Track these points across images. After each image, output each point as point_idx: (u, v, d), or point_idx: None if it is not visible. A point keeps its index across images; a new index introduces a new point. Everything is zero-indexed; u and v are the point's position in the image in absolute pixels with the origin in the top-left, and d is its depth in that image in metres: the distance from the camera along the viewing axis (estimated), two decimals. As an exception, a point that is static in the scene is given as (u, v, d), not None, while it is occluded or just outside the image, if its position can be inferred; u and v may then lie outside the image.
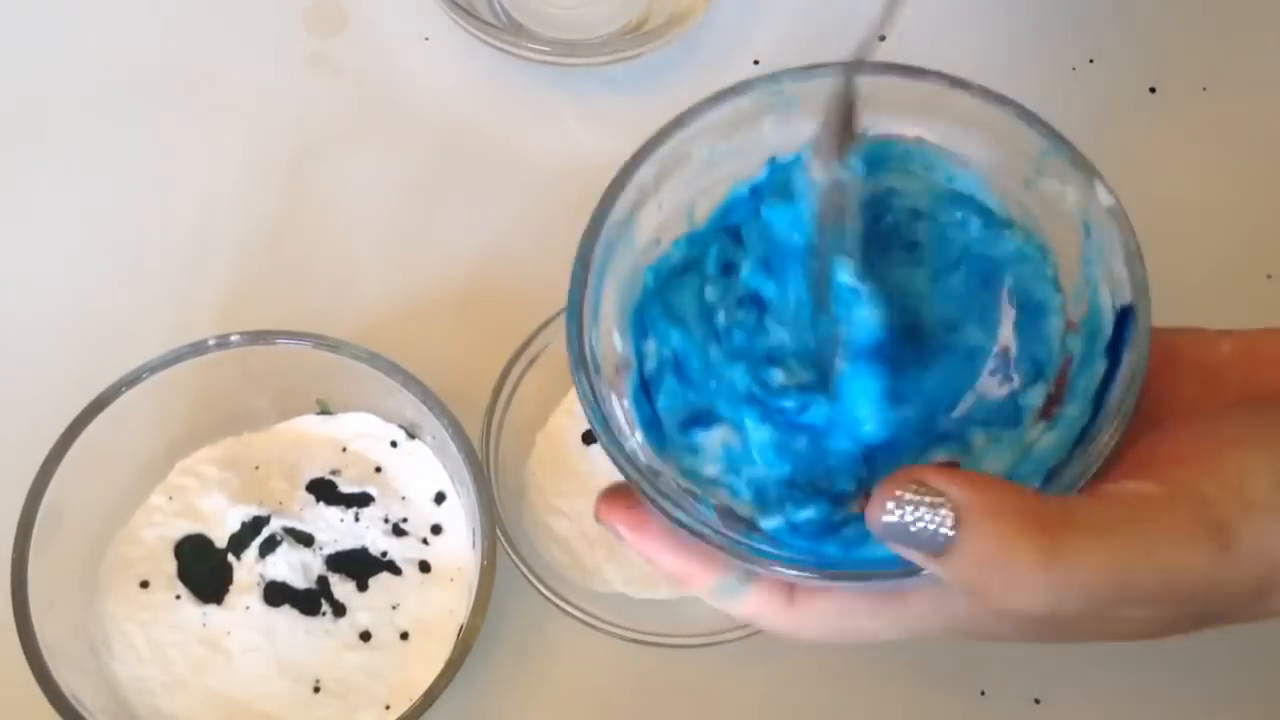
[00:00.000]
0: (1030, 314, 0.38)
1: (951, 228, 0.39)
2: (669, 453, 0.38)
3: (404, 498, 0.53)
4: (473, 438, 0.51)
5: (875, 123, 0.38)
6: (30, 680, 0.46)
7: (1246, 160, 0.62)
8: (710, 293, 0.39)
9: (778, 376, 0.37)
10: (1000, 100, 0.37)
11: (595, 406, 0.36)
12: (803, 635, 0.36)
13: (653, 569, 0.37)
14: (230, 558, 0.51)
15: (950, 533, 0.31)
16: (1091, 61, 0.63)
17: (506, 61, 0.62)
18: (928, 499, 0.31)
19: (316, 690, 0.50)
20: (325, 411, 0.55)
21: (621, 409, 0.37)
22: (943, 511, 0.31)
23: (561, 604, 0.50)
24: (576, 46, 0.63)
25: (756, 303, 0.39)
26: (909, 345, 0.38)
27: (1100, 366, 0.36)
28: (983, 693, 0.52)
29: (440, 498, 0.53)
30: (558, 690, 0.52)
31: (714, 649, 0.50)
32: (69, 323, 0.58)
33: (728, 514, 0.37)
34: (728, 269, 0.40)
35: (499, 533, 0.50)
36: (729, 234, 0.40)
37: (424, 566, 0.52)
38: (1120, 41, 0.64)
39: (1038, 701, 0.52)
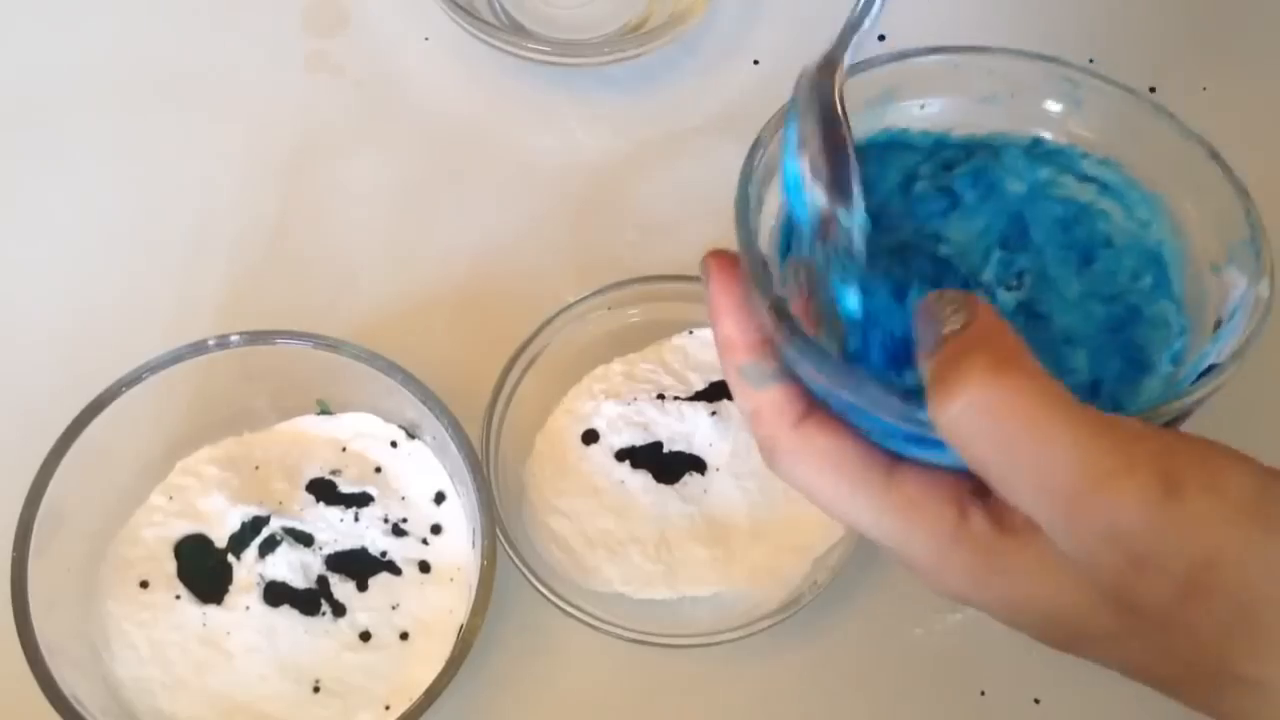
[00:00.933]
0: (1134, 368, 0.39)
1: (1124, 275, 0.41)
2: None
3: (404, 498, 0.53)
4: (473, 438, 0.51)
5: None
6: (30, 680, 0.46)
7: (1246, 160, 0.61)
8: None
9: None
10: (1237, 185, 0.39)
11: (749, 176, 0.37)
12: (786, 460, 0.36)
13: (712, 325, 0.38)
14: (230, 558, 0.51)
15: (957, 326, 0.32)
16: (1091, 61, 0.63)
17: (506, 61, 0.62)
18: (953, 301, 0.33)
19: (316, 690, 0.50)
20: (325, 411, 0.55)
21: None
22: (962, 313, 0.33)
23: (561, 604, 0.50)
24: (576, 46, 0.63)
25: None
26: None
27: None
28: (983, 693, 0.52)
29: (440, 498, 0.53)
30: (558, 690, 0.52)
31: (714, 649, 0.50)
32: (69, 323, 0.58)
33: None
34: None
35: (499, 533, 0.50)
36: None
37: (424, 566, 0.52)
38: (1120, 41, 0.64)
39: (1038, 701, 0.52)
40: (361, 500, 0.53)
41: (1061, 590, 0.34)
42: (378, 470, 0.54)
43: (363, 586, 0.51)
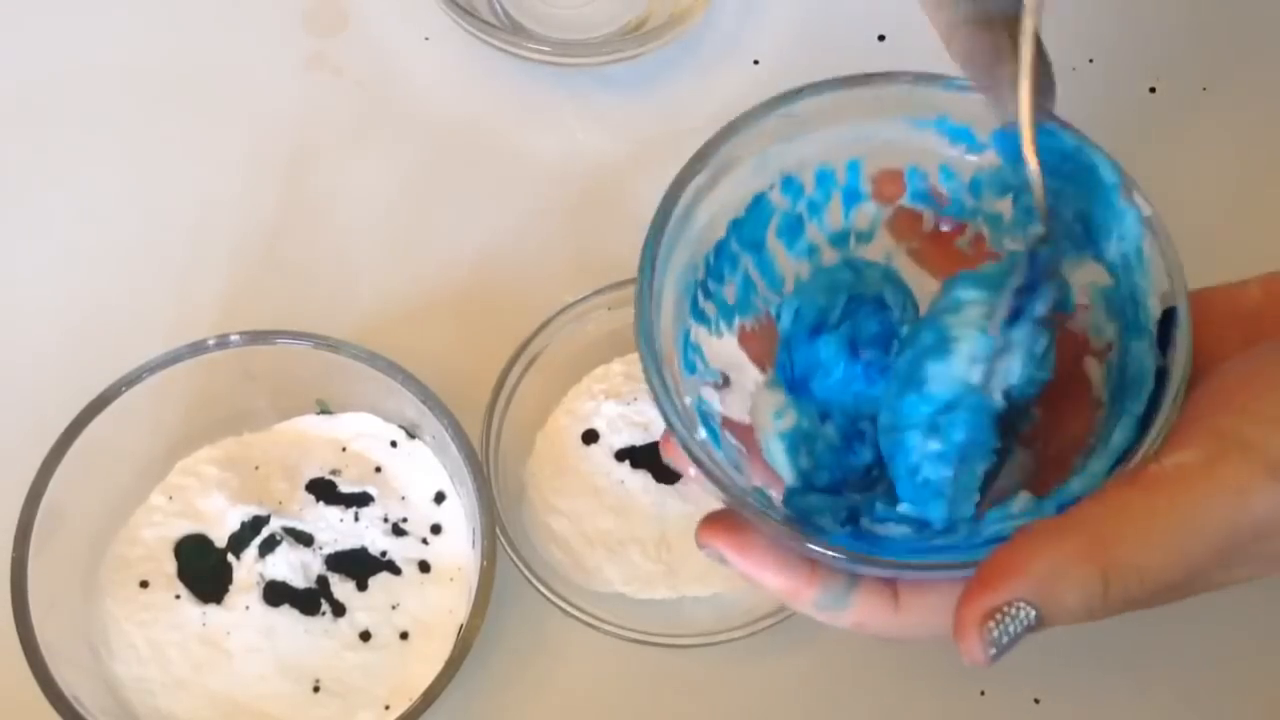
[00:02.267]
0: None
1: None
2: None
3: (404, 497, 0.53)
4: (473, 438, 0.51)
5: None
6: (30, 680, 0.46)
7: (1246, 160, 0.62)
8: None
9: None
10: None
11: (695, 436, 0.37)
12: (910, 635, 0.37)
13: (759, 589, 0.37)
14: (230, 557, 0.51)
15: (1034, 617, 0.33)
16: (1091, 61, 0.63)
17: (506, 61, 0.62)
18: (1007, 615, 0.33)
19: (316, 690, 0.50)
20: (325, 411, 0.55)
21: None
22: (1023, 611, 0.33)
23: (561, 604, 0.50)
24: (576, 46, 0.63)
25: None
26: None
27: (1150, 361, 0.37)
28: (983, 693, 0.52)
29: (440, 498, 0.53)
30: (558, 690, 0.52)
31: (714, 649, 0.50)
32: (69, 323, 0.58)
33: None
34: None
35: (499, 533, 0.50)
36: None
37: (424, 566, 0.52)
38: (1120, 41, 0.64)
39: (1038, 701, 0.52)
40: (361, 500, 0.53)
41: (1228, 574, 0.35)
42: (378, 470, 0.54)
43: (363, 586, 0.51)
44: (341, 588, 0.51)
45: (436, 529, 0.53)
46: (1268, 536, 0.33)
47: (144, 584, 0.51)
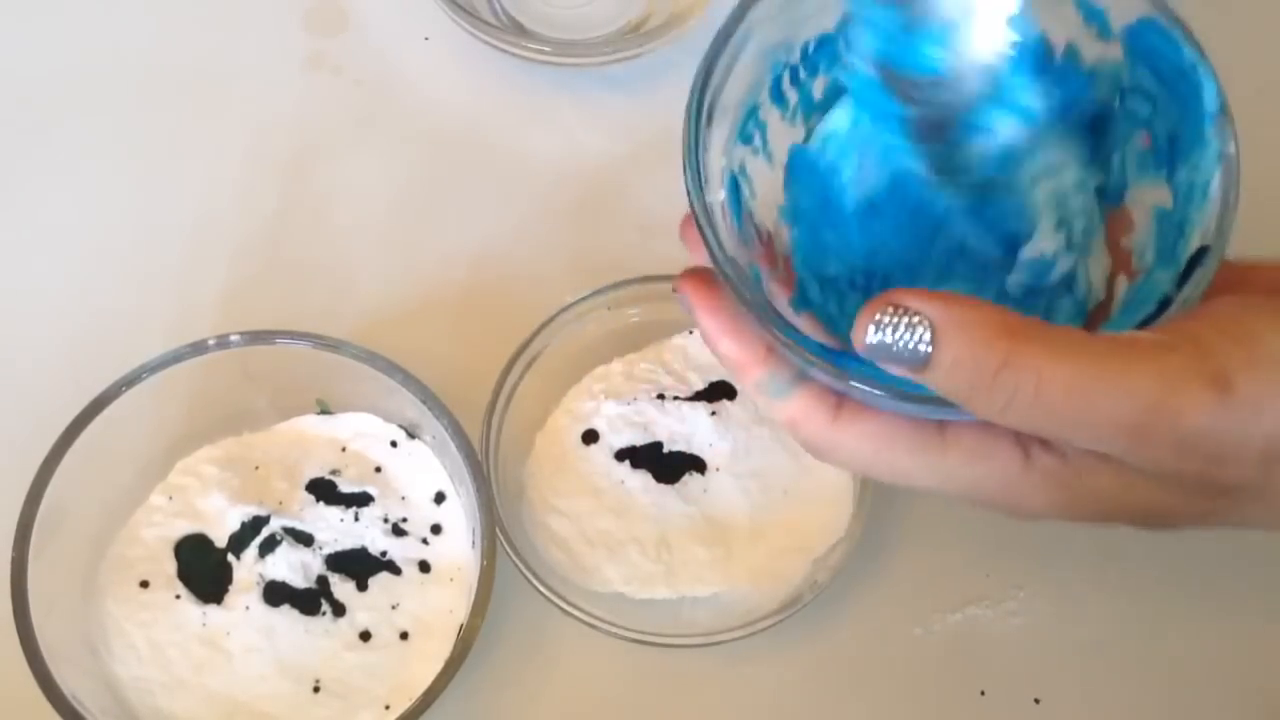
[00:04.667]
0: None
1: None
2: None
3: (404, 497, 0.53)
4: (473, 438, 0.51)
5: None
6: (30, 680, 0.46)
7: (1246, 160, 0.61)
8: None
9: None
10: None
11: (696, 163, 0.37)
12: (838, 454, 0.37)
13: (712, 351, 0.38)
14: (230, 557, 0.51)
15: (927, 347, 0.33)
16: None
17: (506, 61, 0.62)
18: (905, 318, 0.33)
19: (316, 690, 0.50)
20: (325, 411, 0.55)
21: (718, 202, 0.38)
22: (919, 329, 0.33)
23: (561, 604, 0.50)
24: (576, 46, 0.63)
25: None
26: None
27: (1165, 290, 0.37)
28: (983, 693, 0.52)
29: (440, 498, 0.53)
30: (558, 690, 0.52)
31: (714, 649, 0.50)
32: (69, 323, 0.58)
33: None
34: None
35: (499, 533, 0.50)
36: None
37: (424, 566, 0.52)
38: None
39: (1038, 701, 0.52)
40: (361, 500, 0.53)
41: (1150, 495, 0.34)
42: (378, 470, 0.54)
43: (363, 586, 0.51)
44: (341, 588, 0.51)
45: (436, 529, 0.53)
46: (1193, 451, 0.32)
47: (144, 584, 0.51)
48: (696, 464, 0.53)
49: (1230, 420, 0.32)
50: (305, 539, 0.52)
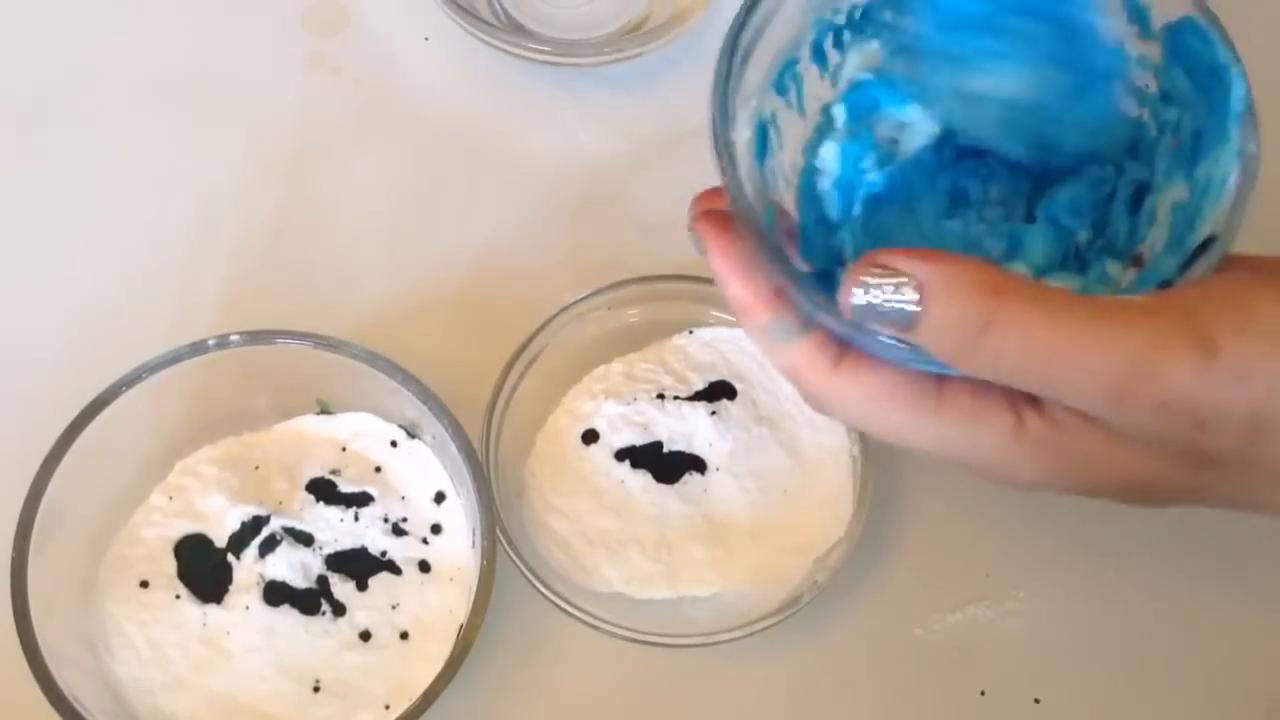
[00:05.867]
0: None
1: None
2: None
3: (404, 497, 0.53)
4: (473, 438, 0.51)
5: None
6: (30, 680, 0.46)
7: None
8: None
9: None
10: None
11: (724, 99, 0.37)
12: (835, 405, 0.37)
13: (722, 290, 0.38)
14: (230, 557, 0.51)
15: (915, 307, 0.33)
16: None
17: (506, 61, 0.62)
18: (892, 280, 0.33)
19: (316, 690, 0.50)
20: (325, 411, 0.55)
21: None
22: (906, 289, 0.33)
23: (561, 604, 0.50)
24: (576, 46, 0.63)
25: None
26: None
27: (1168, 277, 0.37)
28: (983, 693, 0.52)
29: (440, 497, 0.53)
30: (558, 690, 0.52)
31: (714, 649, 0.50)
32: (69, 323, 0.58)
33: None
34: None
35: (499, 533, 0.50)
36: None
37: (424, 566, 0.52)
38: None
39: (1038, 701, 0.52)
40: (361, 500, 0.53)
41: (1136, 463, 0.34)
42: (378, 470, 0.54)
43: (363, 586, 0.51)
44: (341, 588, 0.51)
45: (436, 529, 0.53)
46: (1176, 414, 0.32)
47: (144, 584, 0.51)
48: (696, 464, 0.53)
49: (1213, 384, 0.32)
50: (305, 539, 0.52)
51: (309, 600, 0.51)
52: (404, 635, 0.51)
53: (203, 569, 0.51)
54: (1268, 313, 0.32)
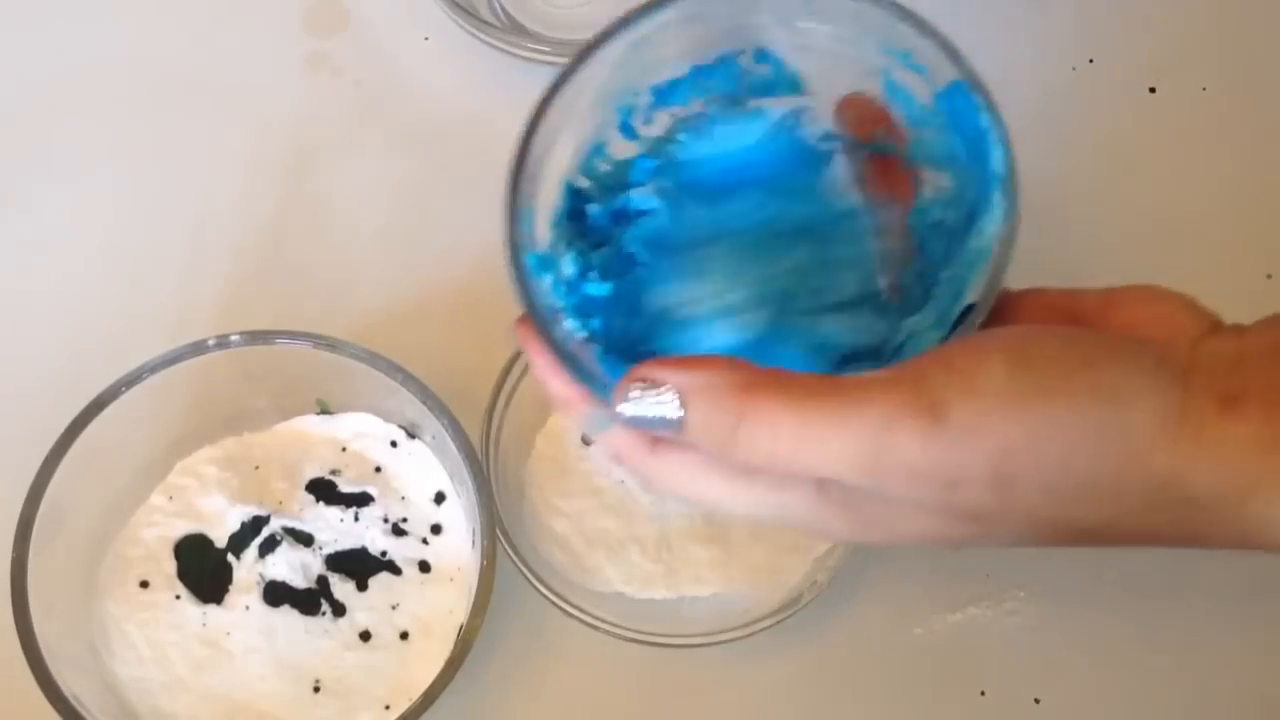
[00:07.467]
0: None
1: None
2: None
3: (404, 498, 0.53)
4: (473, 438, 0.51)
5: None
6: (30, 680, 0.46)
7: (1246, 160, 0.62)
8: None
9: None
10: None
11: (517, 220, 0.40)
12: (661, 481, 0.39)
13: (543, 388, 0.40)
14: (230, 558, 0.51)
15: (677, 413, 0.35)
16: (1091, 61, 0.63)
17: (506, 61, 0.62)
18: (654, 392, 0.35)
19: (316, 690, 0.50)
20: (325, 411, 0.55)
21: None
22: (667, 396, 0.35)
23: (561, 604, 0.50)
24: (576, 46, 0.62)
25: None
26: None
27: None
28: (983, 693, 0.52)
29: (440, 498, 0.53)
30: (558, 690, 0.52)
31: (714, 649, 0.50)
32: (69, 322, 0.58)
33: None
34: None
35: (499, 533, 0.50)
36: None
37: (424, 566, 0.52)
38: (1120, 41, 0.64)
39: (1038, 701, 0.52)
40: (361, 500, 0.53)
41: (919, 521, 0.36)
42: (378, 470, 0.54)
43: (363, 586, 0.51)
44: (341, 588, 0.51)
45: (436, 529, 0.53)
46: (923, 478, 0.34)
47: (144, 584, 0.51)
48: (696, 464, 0.53)
49: (945, 446, 0.33)
50: (305, 539, 0.52)
51: (309, 600, 0.51)
52: (404, 635, 0.51)
53: (203, 569, 0.51)
54: (998, 373, 0.34)
